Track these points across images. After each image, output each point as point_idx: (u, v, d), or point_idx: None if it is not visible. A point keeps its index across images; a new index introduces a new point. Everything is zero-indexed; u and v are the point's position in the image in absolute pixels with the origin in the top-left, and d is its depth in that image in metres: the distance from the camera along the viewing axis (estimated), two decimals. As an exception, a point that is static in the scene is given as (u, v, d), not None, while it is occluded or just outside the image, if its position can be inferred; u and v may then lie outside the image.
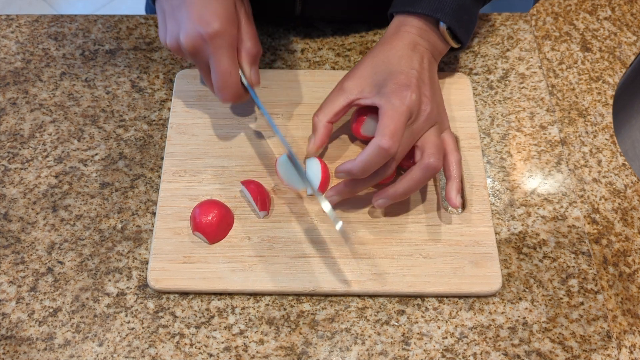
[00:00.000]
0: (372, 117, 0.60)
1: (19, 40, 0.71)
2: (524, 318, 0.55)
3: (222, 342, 0.54)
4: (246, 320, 0.55)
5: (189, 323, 0.55)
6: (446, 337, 0.54)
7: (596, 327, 0.55)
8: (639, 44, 0.72)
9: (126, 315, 0.55)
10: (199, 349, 0.54)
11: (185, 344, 0.54)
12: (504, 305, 0.56)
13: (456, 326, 0.55)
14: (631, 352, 0.54)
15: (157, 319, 0.55)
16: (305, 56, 0.70)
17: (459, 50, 0.63)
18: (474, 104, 0.66)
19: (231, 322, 0.55)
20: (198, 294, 0.56)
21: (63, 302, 0.56)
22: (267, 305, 0.56)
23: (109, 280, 0.57)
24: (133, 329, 0.55)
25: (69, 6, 1.91)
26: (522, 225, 0.60)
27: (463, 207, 0.60)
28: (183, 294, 0.56)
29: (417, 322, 0.55)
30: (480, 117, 0.66)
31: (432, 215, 0.59)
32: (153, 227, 0.59)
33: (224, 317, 0.55)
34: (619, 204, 0.61)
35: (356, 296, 0.56)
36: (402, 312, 0.56)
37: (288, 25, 0.72)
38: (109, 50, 0.70)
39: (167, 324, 0.55)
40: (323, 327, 0.55)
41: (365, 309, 0.56)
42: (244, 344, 0.54)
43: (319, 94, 0.66)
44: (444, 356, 0.54)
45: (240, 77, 0.56)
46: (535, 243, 0.59)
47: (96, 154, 0.63)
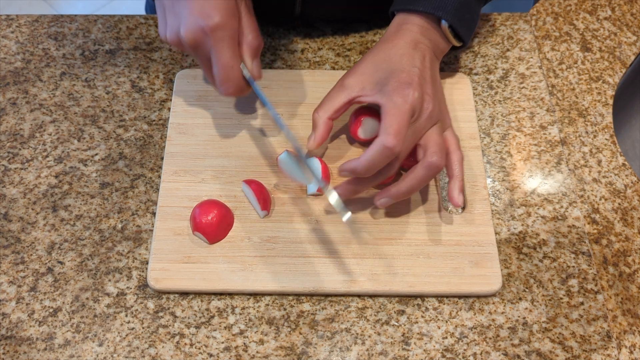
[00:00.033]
0: (369, 120, 0.60)
1: (19, 40, 0.71)
2: (524, 318, 0.55)
3: (222, 342, 0.54)
4: (246, 320, 0.55)
5: (189, 323, 0.55)
6: (446, 337, 0.54)
7: (596, 327, 0.55)
8: (639, 44, 0.72)
9: (126, 315, 0.55)
10: (199, 349, 0.54)
11: (185, 344, 0.54)
12: (504, 305, 0.56)
13: (456, 326, 0.55)
14: (631, 352, 0.54)
15: (157, 319, 0.55)
16: (305, 56, 0.70)
17: (460, 49, 0.63)
18: (474, 104, 0.66)
19: (231, 322, 0.55)
20: (198, 294, 0.56)
21: (63, 302, 0.56)
22: (267, 305, 0.56)
23: (109, 280, 0.57)
24: (133, 329, 0.55)
25: (69, 6, 1.91)
26: (522, 225, 0.60)
27: (463, 207, 0.60)
28: (183, 294, 0.56)
29: (417, 322, 0.55)
30: (480, 117, 0.66)
31: (432, 216, 0.59)
32: (153, 227, 0.59)
33: (224, 317, 0.55)
34: (619, 204, 0.61)
35: (356, 296, 0.56)
36: (402, 312, 0.56)
37: (288, 25, 0.72)
38: (109, 50, 0.70)
39: (167, 324, 0.55)
40: (323, 327, 0.55)
41: (365, 309, 0.56)
42: (244, 344, 0.54)
43: (319, 94, 0.66)
44: (444, 356, 0.54)
45: (242, 71, 0.56)
46: (535, 243, 0.59)
47: (96, 154, 0.63)
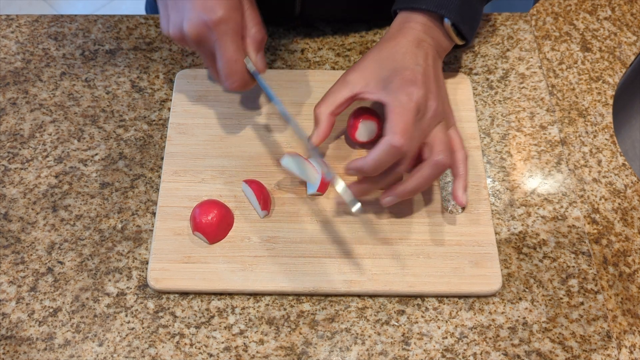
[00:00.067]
0: (367, 122, 0.60)
1: (19, 40, 0.71)
2: (524, 318, 0.55)
3: (222, 342, 0.54)
4: (246, 320, 0.55)
5: (189, 323, 0.55)
6: (446, 337, 0.54)
7: (596, 327, 0.55)
8: (639, 44, 0.72)
9: (126, 315, 0.55)
10: (199, 349, 0.54)
11: (185, 344, 0.54)
12: (504, 305, 0.56)
13: (456, 326, 0.55)
14: (631, 352, 0.54)
15: (157, 319, 0.55)
16: (305, 56, 0.70)
17: (463, 48, 0.63)
18: (474, 104, 0.66)
19: (231, 322, 0.55)
20: (198, 294, 0.56)
21: (63, 302, 0.56)
22: (267, 305, 0.56)
23: (109, 280, 0.57)
24: (133, 329, 0.55)
25: (69, 6, 1.91)
26: (522, 225, 0.60)
27: (463, 207, 0.60)
28: (183, 294, 0.56)
29: (417, 322, 0.55)
30: (480, 117, 0.66)
31: (432, 216, 0.59)
32: (153, 227, 0.59)
33: (224, 317, 0.55)
34: (619, 204, 0.61)
35: (356, 296, 0.56)
36: (402, 312, 0.56)
37: (288, 25, 0.72)
38: (109, 50, 0.70)
39: (167, 324, 0.55)
40: (323, 327, 0.55)
41: (365, 309, 0.56)
42: (244, 344, 0.54)
43: (319, 94, 0.66)
44: (444, 356, 0.54)
45: (247, 65, 0.56)
46: (535, 243, 0.59)
47: (96, 154, 0.63)
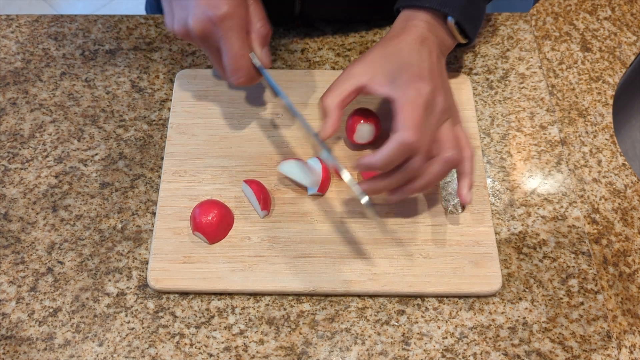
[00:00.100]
0: (364, 124, 0.60)
1: (19, 40, 0.71)
2: (524, 318, 0.55)
3: (222, 342, 0.54)
4: (246, 320, 0.55)
5: (189, 323, 0.55)
6: (446, 337, 0.54)
7: (596, 327, 0.55)
8: (639, 44, 0.72)
9: (126, 315, 0.55)
10: (199, 349, 0.54)
11: (185, 344, 0.54)
12: (504, 305, 0.56)
13: (456, 326, 0.55)
14: (631, 352, 0.54)
15: (157, 319, 0.55)
16: (305, 56, 0.70)
17: (465, 47, 0.63)
18: (474, 104, 0.66)
19: (231, 322, 0.55)
20: (198, 294, 0.56)
21: (63, 302, 0.56)
22: (267, 305, 0.56)
23: (109, 280, 0.57)
24: (133, 329, 0.55)
25: (69, 6, 1.91)
26: (522, 225, 0.60)
27: (463, 207, 0.60)
28: (183, 294, 0.56)
29: (417, 322, 0.55)
30: (480, 117, 0.66)
31: (432, 215, 0.59)
32: (153, 227, 0.59)
33: (224, 317, 0.55)
34: (619, 204, 0.61)
35: (356, 296, 0.56)
36: (402, 312, 0.56)
37: (288, 25, 0.72)
38: (109, 50, 0.70)
39: (167, 324, 0.55)
40: (323, 327, 0.55)
41: (365, 309, 0.56)
42: (244, 344, 0.54)
43: (318, 94, 0.66)
44: (444, 356, 0.54)
45: (252, 59, 0.56)
46: (535, 243, 0.59)
47: (96, 154, 0.63)
